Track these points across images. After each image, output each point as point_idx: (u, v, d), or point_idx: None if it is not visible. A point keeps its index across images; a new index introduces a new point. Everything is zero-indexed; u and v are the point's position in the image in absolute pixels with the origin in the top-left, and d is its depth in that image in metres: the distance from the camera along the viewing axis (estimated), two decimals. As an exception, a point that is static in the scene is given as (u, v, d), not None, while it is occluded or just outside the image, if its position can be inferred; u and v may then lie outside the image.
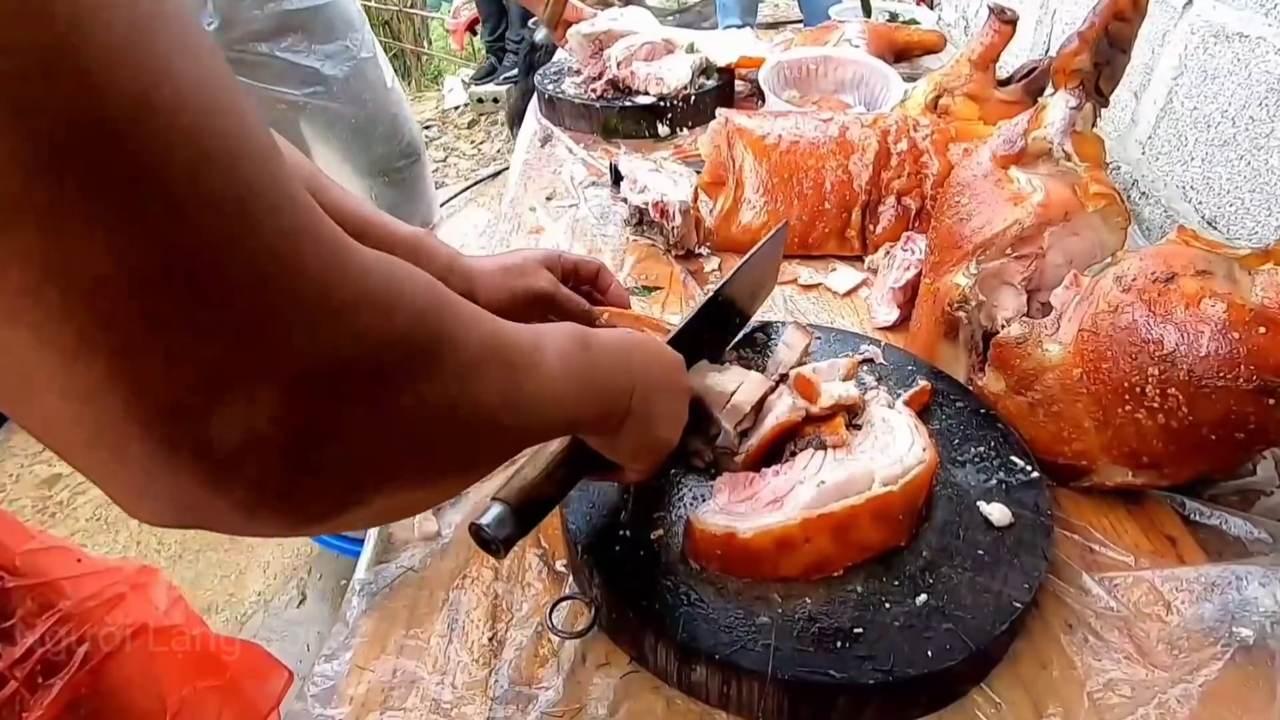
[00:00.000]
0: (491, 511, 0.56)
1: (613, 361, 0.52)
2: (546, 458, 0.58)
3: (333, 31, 1.58)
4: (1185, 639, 0.63)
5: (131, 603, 0.86)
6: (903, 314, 1.01)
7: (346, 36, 1.61)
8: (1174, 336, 0.66)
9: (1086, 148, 0.86)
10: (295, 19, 1.51)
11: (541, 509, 0.59)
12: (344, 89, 1.62)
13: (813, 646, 0.59)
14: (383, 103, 1.72)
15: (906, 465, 0.66)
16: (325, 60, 1.58)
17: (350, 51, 1.62)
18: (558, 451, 0.59)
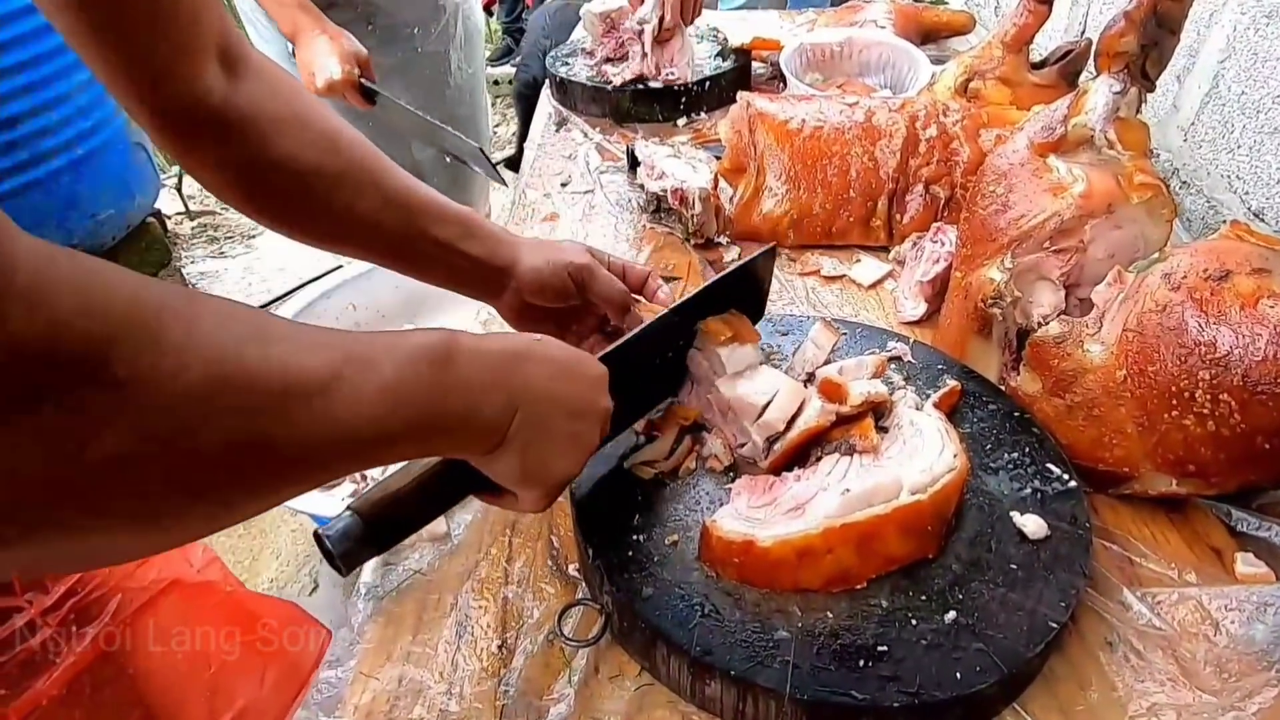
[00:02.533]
0: (340, 521, 0.51)
1: (485, 378, 0.49)
2: (419, 468, 0.53)
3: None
4: (1235, 662, 0.59)
5: (163, 560, 0.86)
6: (931, 308, 0.97)
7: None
8: (1228, 338, 0.62)
9: (1130, 135, 0.81)
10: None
11: (402, 526, 0.54)
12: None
13: (834, 664, 0.56)
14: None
15: (936, 473, 0.62)
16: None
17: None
18: (431, 464, 0.54)
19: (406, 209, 0.69)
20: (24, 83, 1.99)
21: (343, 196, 0.66)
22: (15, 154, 2.01)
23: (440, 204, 0.72)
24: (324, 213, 0.67)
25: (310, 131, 0.64)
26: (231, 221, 3.26)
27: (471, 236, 0.73)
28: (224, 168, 0.62)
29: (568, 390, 0.54)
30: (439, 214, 0.71)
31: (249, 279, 2.89)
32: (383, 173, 0.68)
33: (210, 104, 0.58)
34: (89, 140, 2.20)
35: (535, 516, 0.75)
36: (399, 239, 0.70)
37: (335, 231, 0.69)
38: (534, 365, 0.52)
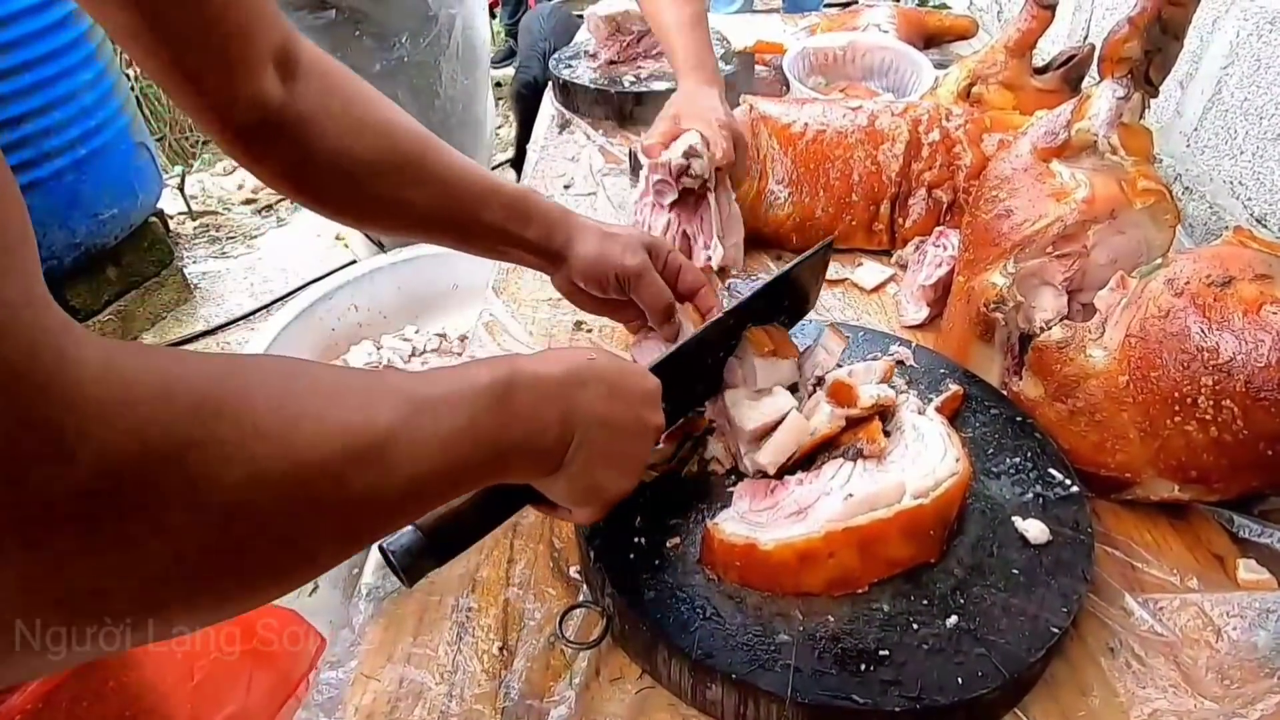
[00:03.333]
0: (403, 536, 0.53)
1: (543, 407, 0.49)
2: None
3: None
4: (1237, 669, 0.59)
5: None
6: (933, 312, 0.97)
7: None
8: (1231, 344, 0.62)
9: (1134, 140, 0.81)
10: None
11: (461, 538, 0.55)
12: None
13: (835, 668, 0.56)
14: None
15: (938, 477, 0.62)
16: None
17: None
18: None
19: (460, 195, 0.70)
20: (28, 82, 1.99)
21: (397, 186, 0.67)
22: (19, 153, 2.01)
23: (494, 187, 0.73)
24: (380, 202, 0.68)
25: (365, 124, 0.65)
26: (234, 222, 3.26)
27: (525, 219, 0.74)
28: (282, 166, 0.64)
29: (621, 412, 0.54)
30: (493, 197, 0.72)
31: (250, 279, 2.89)
32: (437, 160, 0.69)
33: (269, 110, 0.59)
34: (92, 140, 2.20)
35: (536, 519, 0.75)
36: (454, 223, 0.72)
37: (392, 219, 0.71)
38: (589, 388, 0.52)
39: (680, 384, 0.64)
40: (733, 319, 0.70)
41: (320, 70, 0.63)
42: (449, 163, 0.70)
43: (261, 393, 0.34)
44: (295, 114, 0.61)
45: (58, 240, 2.20)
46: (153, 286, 2.63)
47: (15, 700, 0.73)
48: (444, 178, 0.70)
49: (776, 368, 0.71)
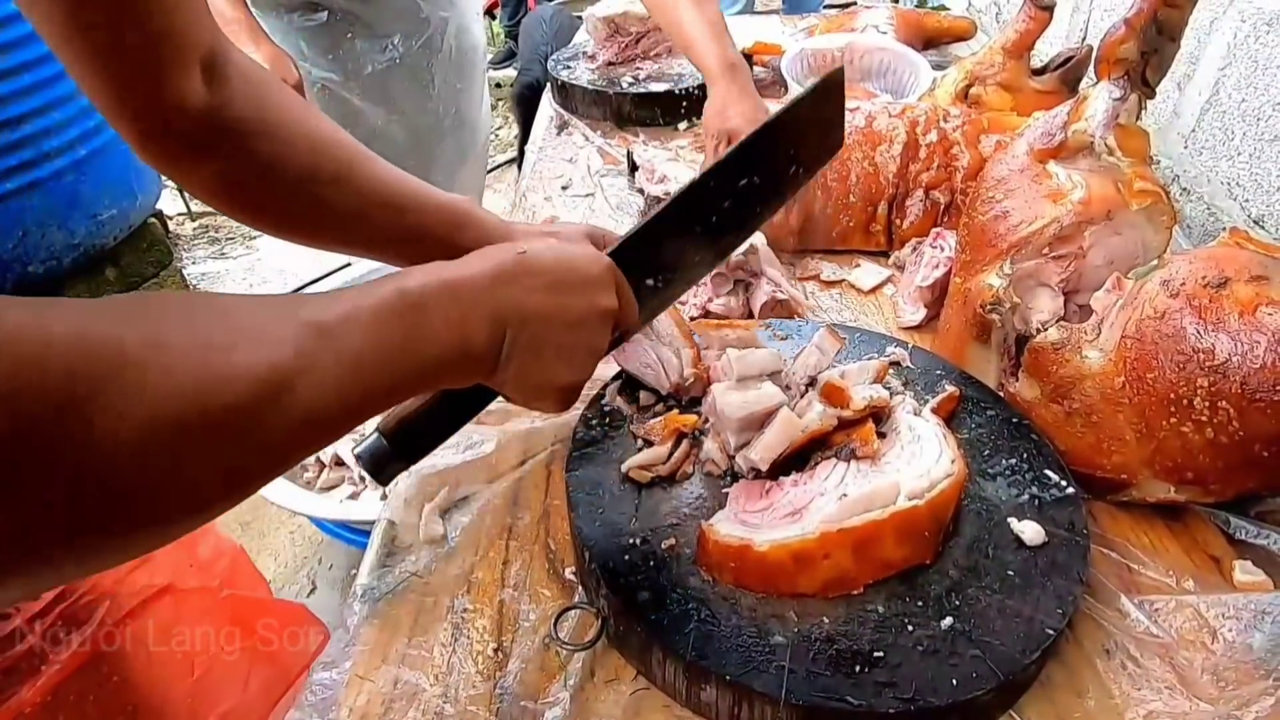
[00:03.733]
0: (368, 442, 0.54)
1: (463, 315, 0.48)
2: None
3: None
4: (1233, 670, 0.59)
5: (159, 562, 0.85)
6: (930, 313, 0.97)
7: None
8: (1226, 346, 0.62)
9: (1131, 142, 0.81)
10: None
11: (426, 439, 0.56)
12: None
13: (830, 670, 0.56)
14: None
15: (934, 478, 0.62)
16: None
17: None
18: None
19: (396, 205, 0.69)
20: (27, 83, 1.99)
21: (331, 196, 0.66)
22: (18, 154, 2.01)
23: (429, 196, 0.71)
24: (313, 213, 0.67)
25: (296, 134, 0.63)
26: (233, 223, 3.26)
27: (463, 227, 0.72)
28: (210, 175, 0.62)
29: (562, 302, 0.53)
30: (429, 206, 0.71)
31: (250, 279, 2.89)
32: (370, 170, 0.68)
33: (194, 113, 0.57)
34: (91, 140, 2.20)
35: (532, 520, 0.75)
36: (390, 234, 0.70)
37: (325, 231, 0.69)
38: (520, 283, 0.51)
39: (660, 257, 0.61)
40: (711, 179, 0.63)
41: (249, 77, 0.61)
42: (382, 174, 0.69)
43: (171, 333, 0.34)
44: (224, 122, 0.59)
45: (57, 240, 2.19)
46: (152, 287, 2.63)
47: (26, 694, 0.73)
48: (377, 188, 0.68)
49: (753, 356, 0.71)
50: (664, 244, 0.63)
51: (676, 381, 0.78)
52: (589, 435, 0.76)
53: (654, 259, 0.61)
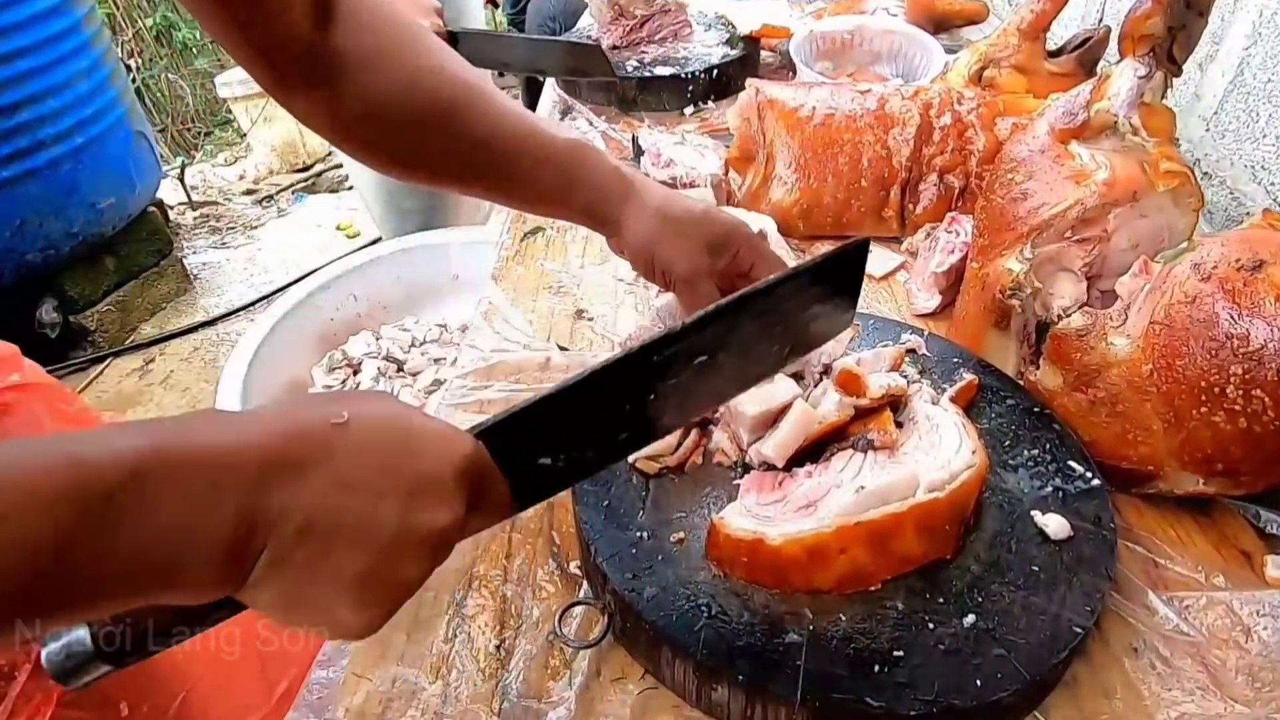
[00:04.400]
0: (64, 635, 0.38)
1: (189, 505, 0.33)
2: None
3: None
4: (1269, 670, 0.56)
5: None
6: (945, 300, 0.94)
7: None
8: (1262, 331, 0.59)
9: (1156, 121, 0.78)
10: None
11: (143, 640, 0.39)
12: None
13: (847, 670, 0.54)
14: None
15: (954, 470, 0.60)
16: None
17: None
18: None
19: (504, 150, 0.64)
20: (23, 69, 1.97)
21: (441, 136, 0.63)
22: (14, 141, 1.99)
23: (543, 143, 0.65)
24: (419, 153, 0.65)
25: (405, 71, 0.61)
26: (234, 212, 3.24)
27: (572, 184, 0.66)
28: (322, 110, 0.61)
29: (364, 513, 0.37)
30: (540, 155, 0.65)
31: (250, 269, 2.87)
32: (484, 111, 0.64)
33: (304, 49, 0.57)
34: (89, 128, 2.18)
35: (535, 513, 0.72)
36: (495, 179, 0.67)
37: (431, 171, 0.66)
38: (308, 474, 0.36)
39: (570, 432, 0.47)
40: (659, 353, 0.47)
41: (363, 12, 0.60)
42: (496, 115, 0.64)
43: None
44: (335, 53, 0.58)
45: (55, 230, 2.17)
46: (152, 277, 2.61)
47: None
48: (488, 132, 0.64)
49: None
50: (577, 419, 0.47)
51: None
52: (594, 425, 0.73)
53: (558, 436, 0.46)
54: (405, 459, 0.39)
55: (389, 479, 0.38)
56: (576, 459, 0.48)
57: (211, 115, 4.11)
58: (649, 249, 0.67)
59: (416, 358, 1.92)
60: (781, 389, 0.66)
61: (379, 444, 0.39)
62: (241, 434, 0.36)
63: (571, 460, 0.48)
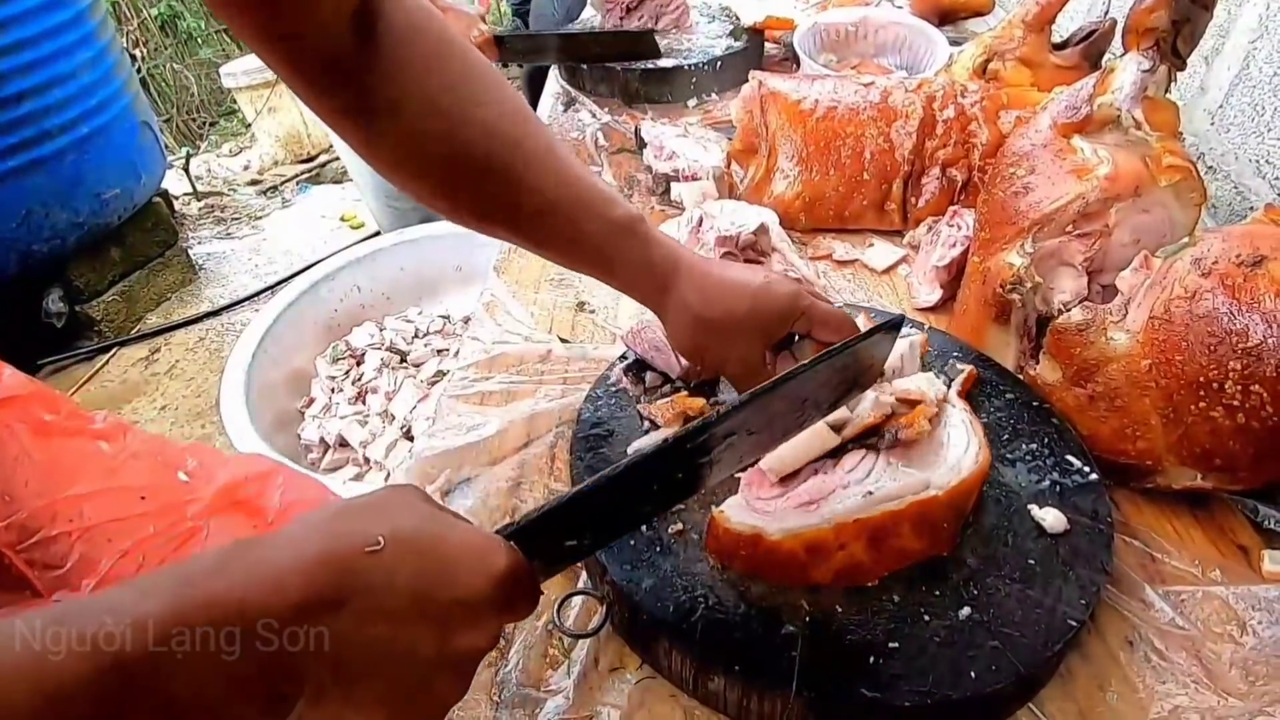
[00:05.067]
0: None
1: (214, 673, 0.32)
2: None
3: None
4: (1263, 665, 0.56)
5: (215, 533, 0.81)
6: (946, 294, 0.94)
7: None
8: (1261, 327, 0.59)
9: (1159, 115, 0.77)
10: None
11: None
12: None
13: (843, 661, 0.54)
14: None
15: (961, 470, 0.60)
16: None
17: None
18: None
19: (562, 212, 0.61)
20: (28, 59, 1.97)
21: (468, 186, 0.60)
22: (19, 131, 1.99)
23: (598, 206, 0.61)
24: (467, 196, 0.61)
25: (447, 112, 0.57)
26: (239, 203, 3.25)
27: (611, 262, 0.63)
28: (361, 136, 0.57)
29: (403, 644, 0.37)
30: (602, 214, 0.61)
31: (255, 260, 2.87)
32: (522, 174, 0.59)
33: (341, 59, 0.53)
34: (94, 119, 2.18)
35: (535, 503, 0.73)
36: (551, 240, 0.63)
37: (488, 219, 0.62)
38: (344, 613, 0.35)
39: (597, 520, 0.48)
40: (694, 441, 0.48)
41: (413, 31, 0.55)
42: (537, 182, 0.60)
43: None
44: (371, 74, 0.54)
45: (60, 220, 2.18)
46: (157, 267, 2.62)
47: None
48: (529, 191, 0.60)
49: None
50: (605, 507, 0.48)
51: (688, 366, 0.76)
52: (595, 416, 0.74)
53: (586, 521, 0.47)
54: (442, 586, 0.38)
55: (426, 607, 0.37)
56: (603, 534, 0.50)
57: (216, 105, 4.12)
58: (696, 354, 0.65)
59: (419, 349, 1.92)
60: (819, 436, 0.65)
61: (415, 572, 0.37)
62: (270, 578, 0.34)
63: (598, 535, 0.50)
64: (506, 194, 0.60)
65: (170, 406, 2.23)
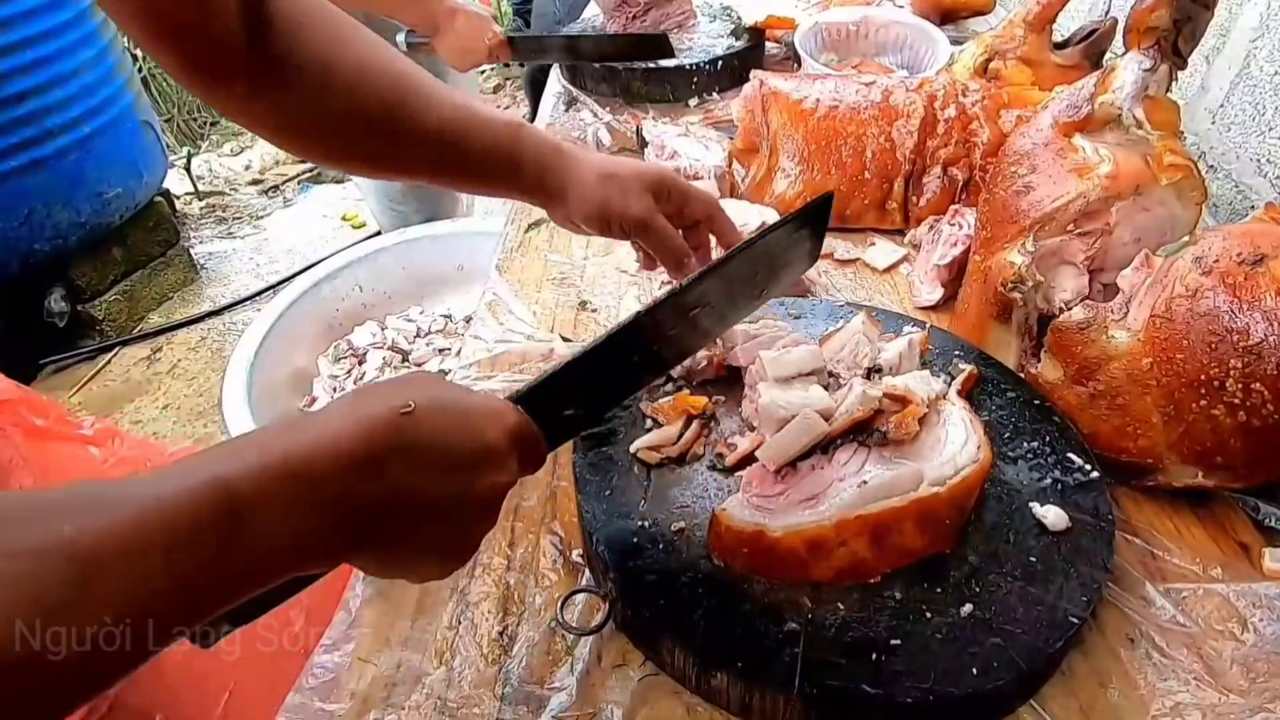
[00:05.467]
0: None
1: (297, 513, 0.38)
2: None
3: None
4: (1263, 661, 0.57)
5: None
6: (947, 293, 0.94)
7: None
8: (1261, 326, 0.59)
9: (1160, 114, 0.78)
10: None
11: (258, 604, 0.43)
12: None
13: (845, 658, 0.54)
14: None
15: (958, 465, 0.60)
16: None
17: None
18: None
19: (444, 138, 0.66)
20: (29, 59, 1.97)
21: (379, 132, 0.65)
22: (20, 131, 1.99)
23: (481, 125, 0.68)
24: (368, 144, 0.66)
25: (342, 69, 0.62)
26: (240, 203, 3.25)
27: (515, 162, 0.69)
28: (261, 109, 0.61)
29: (441, 488, 0.43)
30: (479, 139, 0.68)
31: (257, 259, 2.87)
32: (418, 102, 0.65)
33: (236, 45, 0.56)
34: (96, 118, 2.18)
35: (539, 501, 0.73)
36: (440, 166, 0.69)
37: (376, 164, 0.69)
38: (392, 467, 0.41)
39: (588, 389, 0.56)
40: (661, 312, 0.57)
41: (298, 10, 0.60)
42: (433, 104, 0.66)
43: None
44: (271, 58, 0.58)
45: (62, 219, 2.18)
46: (159, 267, 2.62)
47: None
48: (436, 121, 0.66)
49: (788, 357, 0.69)
50: (593, 376, 0.56)
51: (689, 365, 0.76)
52: (597, 416, 0.74)
53: (578, 391, 0.55)
54: (466, 437, 0.45)
55: (456, 455, 0.44)
56: (595, 405, 0.59)
57: (217, 105, 4.11)
58: (601, 205, 0.71)
59: (421, 348, 1.92)
60: (814, 395, 0.66)
61: (442, 427, 0.44)
62: (320, 443, 0.39)
63: (591, 407, 0.58)
64: (415, 132, 0.65)
65: (172, 406, 2.24)
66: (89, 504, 0.33)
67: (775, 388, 0.67)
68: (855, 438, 0.63)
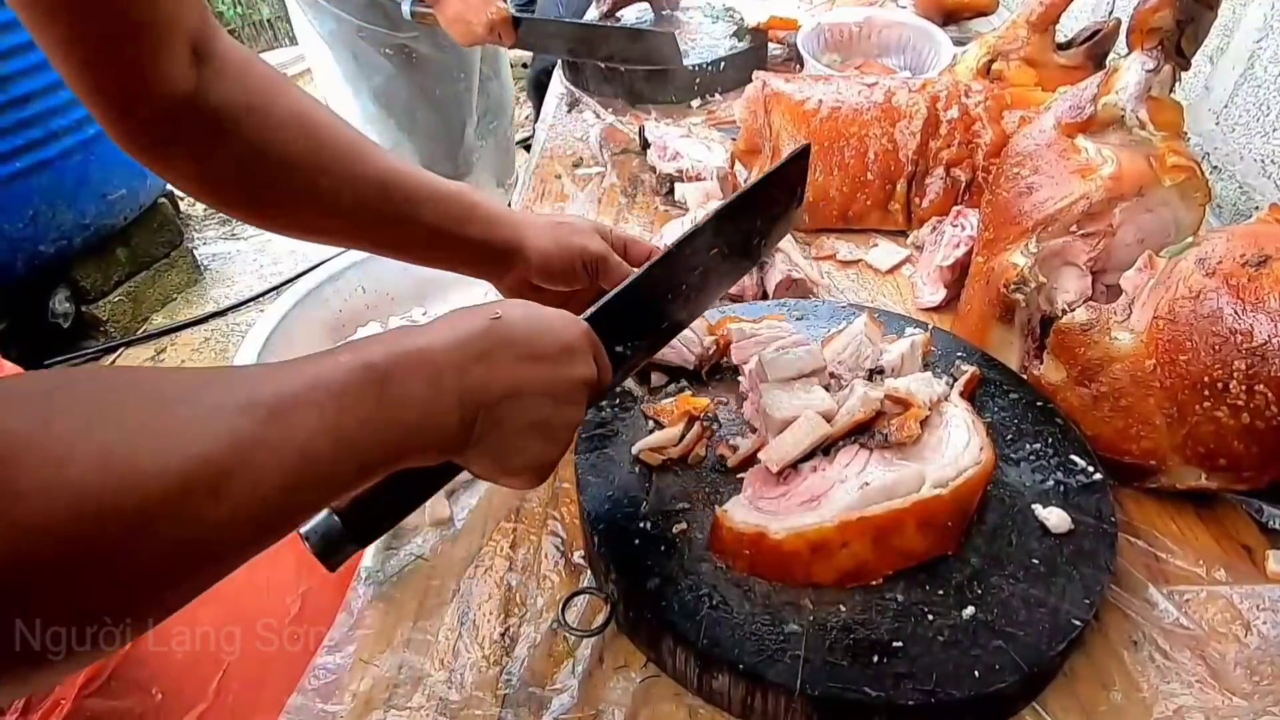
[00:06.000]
0: (319, 520, 0.49)
1: (433, 391, 0.44)
2: None
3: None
4: (1268, 665, 0.56)
5: None
6: (950, 294, 0.94)
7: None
8: (1265, 327, 0.59)
9: (1164, 115, 0.77)
10: None
11: (382, 520, 0.52)
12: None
13: (846, 660, 0.54)
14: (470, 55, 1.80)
15: (960, 467, 0.60)
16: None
17: None
18: None
19: (395, 193, 0.65)
20: (35, 60, 1.98)
21: (325, 184, 0.62)
22: (26, 132, 2.00)
23: (431, 185, 0.67)
24: (306, 203, 0.63)
25: (286, 119, 0.60)
26: (243, 204, 3.26)
27: (468, 219, 0.68)
28: (191, 163, 0.58)
29: (539, 375, 0.50)
30: (431, 195, 0.67)
31: (260, 261, 2.88)
32: (366, 157, 0.64)
33: (180, 101, 0.54)
34: (100, 120, 2.19)
35: (540, 502, 0.73)
36: (384, 224, 0.66)
37: (321, 222, 0.65)
38: (493, 357, 0.48)
39: (632, 323, 0.61)
40: (686, 247, 0.63)
41: (238, 61, 0.58)
42: (381, 159, 0.65)
43: (95, 423, 0.31)
44: (209, 106, 0.56)
45: (66, 221, 2.19)
46: (163, 268, 2.63)
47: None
48: (374, 177, 0.64)
49: (787, 358, 0.69)
50: (634, 311, 0.61)
51: (700, 353, 0.76)
52: (599, 416, 0.74)
53: (624, 326, 0.60)
54: (549, 334, 0.51)
55: (541, 348, 0.50)
56: (637, 346, 0.63)
57: (221, 106, 4.12)
58: (563, 249, 0.71)
59: (424, 349, 1.92)
60: (815, 396, 0.66)
61: (529, 328, 0.51)
62: (437, 337, 0.46)
63: (633, 347, 0.62)
64: (359, 183, 0.64)
65: (176, 406, 2.24)
66: (261, 378, 0.39)
67: (777, 389, 0.67)
68: (857, 439, 0.63)
